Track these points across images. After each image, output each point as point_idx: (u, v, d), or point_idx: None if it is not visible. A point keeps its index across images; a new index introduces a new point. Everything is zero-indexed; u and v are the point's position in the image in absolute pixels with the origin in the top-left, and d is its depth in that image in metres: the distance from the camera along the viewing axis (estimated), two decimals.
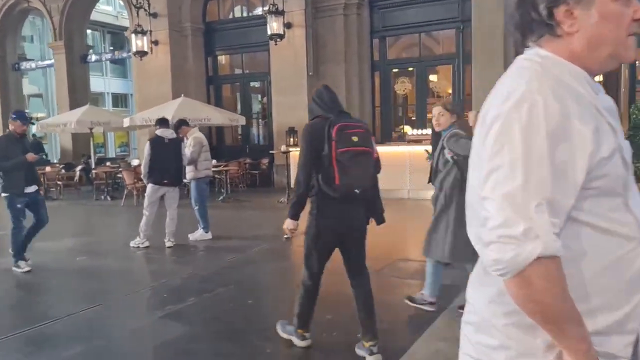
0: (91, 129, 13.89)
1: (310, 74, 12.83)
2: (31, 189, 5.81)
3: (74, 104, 16.30)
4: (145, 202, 6.94)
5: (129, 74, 27.94)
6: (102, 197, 12.68)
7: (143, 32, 14.36)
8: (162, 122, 7.06)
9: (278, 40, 12.71)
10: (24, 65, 19.96)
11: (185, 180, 7.37)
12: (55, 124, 14.03)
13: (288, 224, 3.24)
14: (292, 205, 3.24)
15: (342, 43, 12.90)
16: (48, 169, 13.82)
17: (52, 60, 18.35)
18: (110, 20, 28.61)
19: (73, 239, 8.13)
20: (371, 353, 3.21)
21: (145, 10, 14.36)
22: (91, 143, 14.59)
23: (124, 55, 18.68)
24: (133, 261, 6.36)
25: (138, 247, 6.94)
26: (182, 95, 12.95)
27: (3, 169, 5.61)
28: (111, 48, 28.12)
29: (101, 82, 28.16)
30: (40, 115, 25.30)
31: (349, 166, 3.04)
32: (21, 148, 5.75)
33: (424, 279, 4.14)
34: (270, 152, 10.90)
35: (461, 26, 12.01)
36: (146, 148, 6.88)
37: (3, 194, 5.73)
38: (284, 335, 3.56)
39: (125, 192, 11.62)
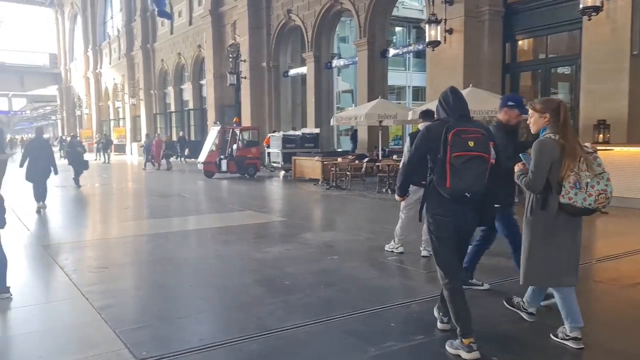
0: (380, 121, 14.06)
1: (635, 53, 10.07)
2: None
3: (371, 98, 16.86)
4: (403, 202, 6.21)
5: None
6: (384, 189, 12.66)
7: (437, 22, 13.75)
8: (426, 115, 6.16)
9: (593, 14, 10.34)
10: (335, 63, 21.75)
11: None
12: (348, 117, 14.66)
13: (397, 197, 4.07)
14: (396, 190, 3.88)
15: None
16: (339, 159, 14.57)
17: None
18: (415, 14, 29.13)
19: (335, 233, 8.05)
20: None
21: None
22: (379, 135, 14.81)
23: (419, 47, 18.46)
24: (379, 269, 5.70)
25: (392, 251, 6.30)
26: (471, 85, 11.82)
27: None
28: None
29: (403, 76, 29.02)
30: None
31: (462, 170, 3.12)
32: (512, 144, 4.20)
33: None
34: None
35: None
36: (406, 144, 6.13)
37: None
38: (452, 351, 3.35)
39: None
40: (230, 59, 23.87)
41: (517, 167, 3.50)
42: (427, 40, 14.10)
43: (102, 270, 5.56)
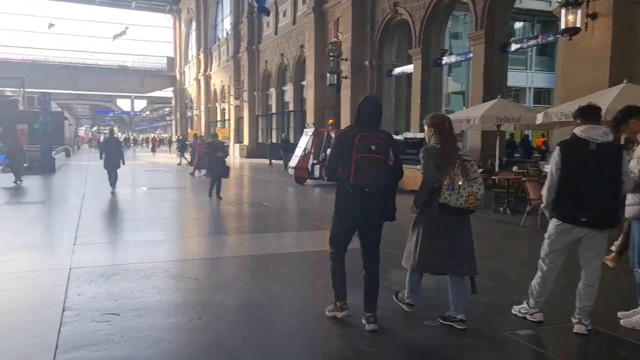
0: (498, 126, 11.69)
1: None
2: None
3: (487, 99, 14.40)
4: (545, 248, 4.08)
5: (556, 66, 24.48)
6: (501, 208, 10.32)
7: (577, 4, 11.08)
8: (586, 114, 3.96)
9: None
10: (445, 59, 19.37)
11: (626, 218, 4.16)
12: (459, 119, 12.32)
13: None
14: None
15: None
16: None
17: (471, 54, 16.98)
18: (542, 6, 25.70)
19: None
20: (369, 322, 3.88)
21: None
22: (497, 142, 12.37)
23: (549, 38, 15.58)
24: (500, 354, 3.64)
25: (524, 318, 4.21)
26: (625, 81, 9.13)
27: None
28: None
29: (523, 77, 25.70)
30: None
31: (364, 169, 3.73)
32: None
33: None
34: None
35: None
36: (553, 157, 3.99)
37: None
38: (329, 314, 4.10)
39: (528, 209, 8.86)
40: (331, 58, 22.43)
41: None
42: (562, 27, 11.45)
43: (109, 321, 4.04)
